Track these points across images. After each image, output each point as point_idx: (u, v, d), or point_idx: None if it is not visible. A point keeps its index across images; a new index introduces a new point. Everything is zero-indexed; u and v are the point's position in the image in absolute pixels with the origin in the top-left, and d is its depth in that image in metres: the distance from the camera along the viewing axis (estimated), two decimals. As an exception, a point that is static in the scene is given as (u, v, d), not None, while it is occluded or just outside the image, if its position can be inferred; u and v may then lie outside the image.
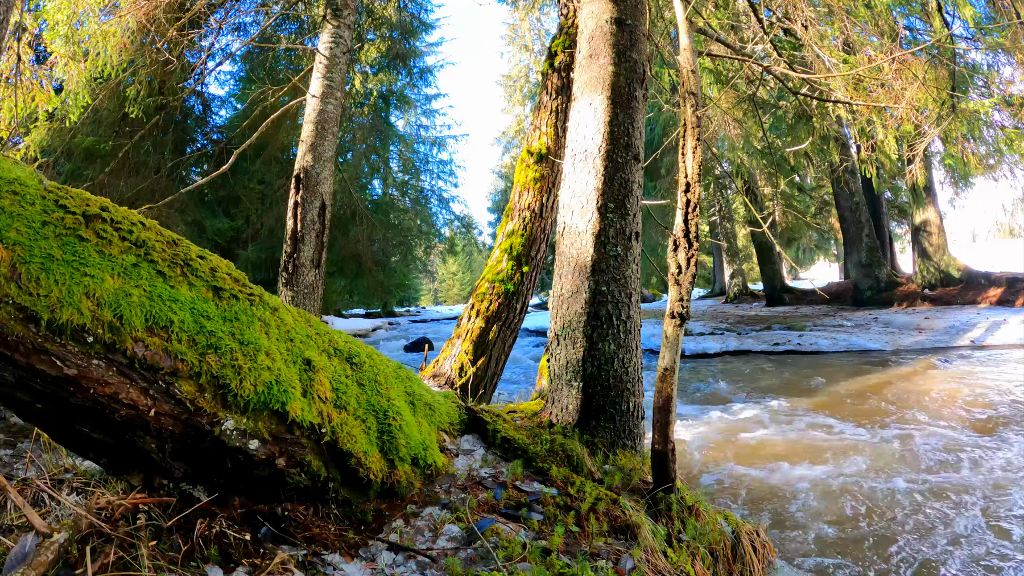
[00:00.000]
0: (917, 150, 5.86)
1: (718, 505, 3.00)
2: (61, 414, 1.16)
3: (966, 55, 6.42)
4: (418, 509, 1.61)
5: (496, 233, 4.10)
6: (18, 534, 1.25)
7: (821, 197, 17.60)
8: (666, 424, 1.98)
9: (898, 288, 13.81)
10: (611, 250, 2.43)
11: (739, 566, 1.98)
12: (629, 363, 2.41)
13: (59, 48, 4.85)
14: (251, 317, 1.40)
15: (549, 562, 1.42)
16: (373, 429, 1.61)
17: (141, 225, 1.28)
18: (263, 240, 13.69)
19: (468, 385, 3.52)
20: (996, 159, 7.65)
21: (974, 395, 5.29)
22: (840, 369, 7.16)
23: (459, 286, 49.48)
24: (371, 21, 15.15)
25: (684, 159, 2.03)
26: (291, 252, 4.47)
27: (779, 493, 3.22)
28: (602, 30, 2.59)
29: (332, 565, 1.31)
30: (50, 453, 1.85)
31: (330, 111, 4.80)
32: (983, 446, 3.83)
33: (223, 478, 1.37)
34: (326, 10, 4.99)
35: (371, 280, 16.43)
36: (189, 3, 5.54)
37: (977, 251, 25.65)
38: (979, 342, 8.46)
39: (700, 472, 3.66)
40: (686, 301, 1.95)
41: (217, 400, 1.27)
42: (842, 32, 4.83)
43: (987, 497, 2.99)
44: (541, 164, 3.91)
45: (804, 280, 19.03)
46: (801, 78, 4.46)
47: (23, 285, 1.03)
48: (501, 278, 3.78)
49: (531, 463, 2.01)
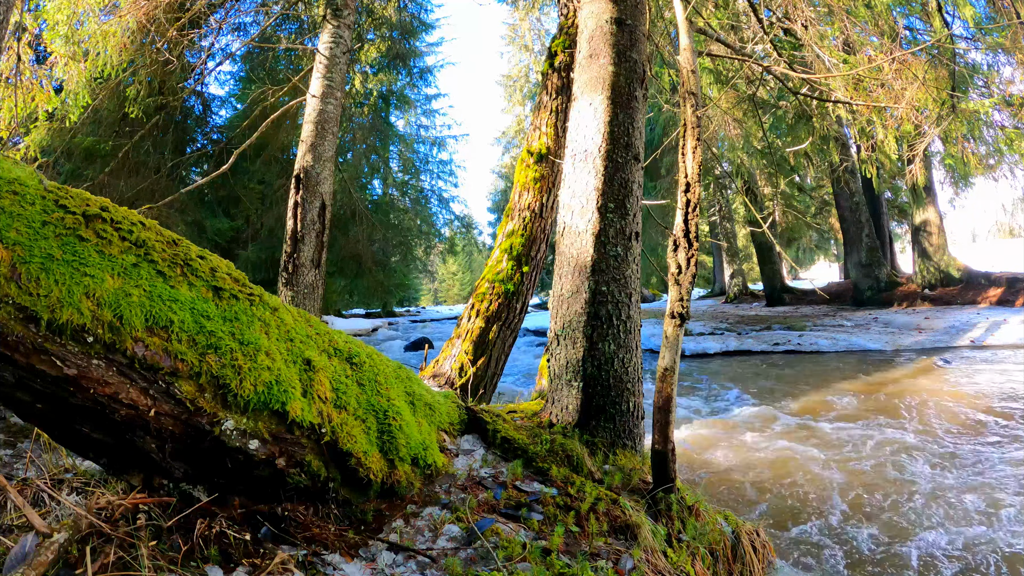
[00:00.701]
0: (917, 150, 5.85)
1: (718, 504, 3.00)
2: (61, 414, 1.16)
3: (966, 55, 6.42)
4: (418, 509, 1.61)
5: (496, 233, 4.10)
6: (18, 534, 1.25)
7: (821, 197, 17.61)
8: (666, 424, 1.98)
9: (898, 288, 13.81)
10: (611, 250, 2.43)
11: (739, 566, 1.98)
12: (629, 363, 2.41)
13: (59, 48, 4.85)
14: (251, 317, 1.40)
15: (549, 562, 1.42)
16: (373, 429, 1.61)
17: (141, 225, 1.28)
18: (263, 240, 13.69)
19: (468, 385, 3.52)
20: (996, 159, 7.65)
21: (975, 395, 5.29)
22: (840, 369, 7.16)
23: (459, 286, 49.48)
24: (371, 21, 15.15)
25: (684, 159, 2.03)
26: (291, 252, 4.47)
27: (779, 493, 3.22)
28: (602, 30, 2.59)
29: (332, 565, 1.31)
30: (50, 453, 1.85)
31: (330, 111, 4.80)
32: (983, 445, 3.83)
33: (223, 478, 1.37)
34: (326, 10, 4.99)
35: (371, 280, 16.43)
36: (189, 3, 5.54)
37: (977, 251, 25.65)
38: (979, 342, 8.46)
39: (700, 472, 3.66)
40: (686, 301, 1.95)
41: (217, 400, 1.27)
42: (842, 32, 4.83)
43: (987, 496, 3.00)
44: (541, 164, 3.91)
45: (804, 280, 19.03)
46: (801, 78, 4.46)
47: (23, 285, 1.03)
48: (501, 278, 3.78)
49: (531, 463, 2.01)
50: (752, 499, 3.18)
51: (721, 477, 3.54)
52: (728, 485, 3.40)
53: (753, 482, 3.41)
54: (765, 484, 3.37)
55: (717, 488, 3.37)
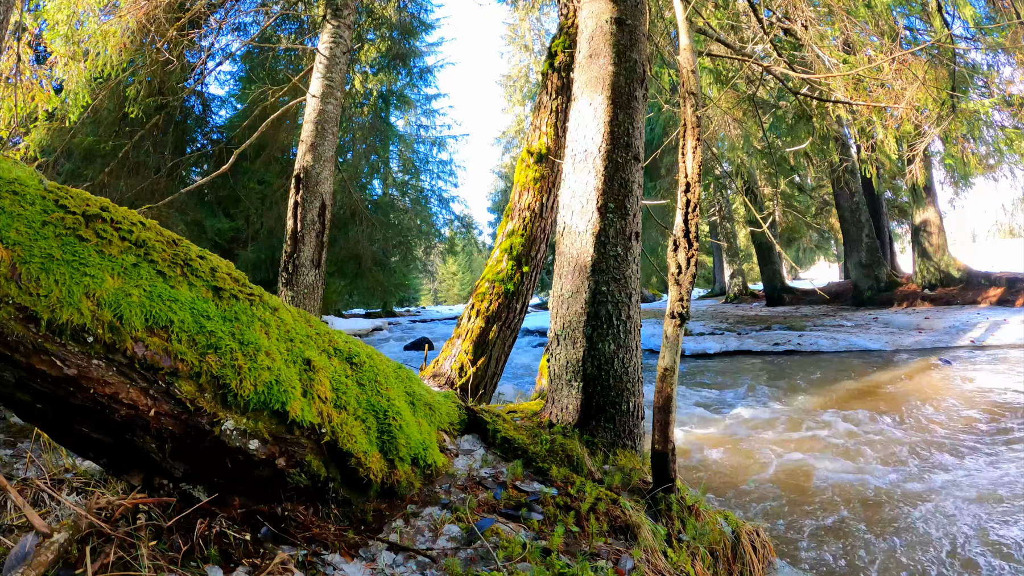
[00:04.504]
0: (917, 150, 5.85)
1: (718, 504, 3.00)
2: (61, 414, 1.16)
3: (966, 55, 6.41)
4: (418, 509, 1.61)
5: (496, 233, 4.10)
6: (18, 534, 1.25)
7: (821, 197, 17.61)
8: (666, 424, 1.98)
9: (898, 288, 13.82)
10: (611, 250, 2.43)
11: (739, 566, 1.98)
12: (629, 363, 2.41)
13: (59, 48, 4.85)
14: (251, 317, 1.40)
15: (549, 562, 1.42)
16: (373, 429, 1.61)
17: (141, 225, 1.28)
18: (263, 240, 13.68)
19: (468, 385, 3.52)
20: (996, 159, 7.65)
21: (975, 395, 5.29)
22: (840, 369, 7.16)
23: (459, 286, 49.45)
24: (371, 21, 15.14)
25: (684, 159, 2.03)
26: (291, 252, 4.47)
27: (779, 493, 3.22)
28: (602, 30, 2.59)
29: (332, 565, 1.31)
30: (50, 453, 1.85)
31: (330, 111, 4.80)
32: (984, 445, 3.82)
33: (223, 478, 1.37)
34: (326, 10, 4.99)
35: (371, 280, 16.42)
36: (189, 3, 5.54)
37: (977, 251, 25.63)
38: (979, 342, 8.46)
39: (700, 472, 3.66)
40: (686, 301, 1.95)
41: (217, 400, 1.27)
42: (842, 32, 4.83)
43: (987, 496, 2.99)
44: (541, 164, 3.91)
45: (804, 280, 19.04)
46: (801, 78, 4.46)
47: (23, 285, 1.03)
48: (501, 278, 3.77)
49: (531, 463, 2.01)
50: (752, 499, 3.18)
51: (721, 477, 3.54)
52: (728, 485, 3.40)
53: (753, 482, 3.41)
54: (765, 484, 3.37)
55: (717, 488, 3.37)
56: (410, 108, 20.86)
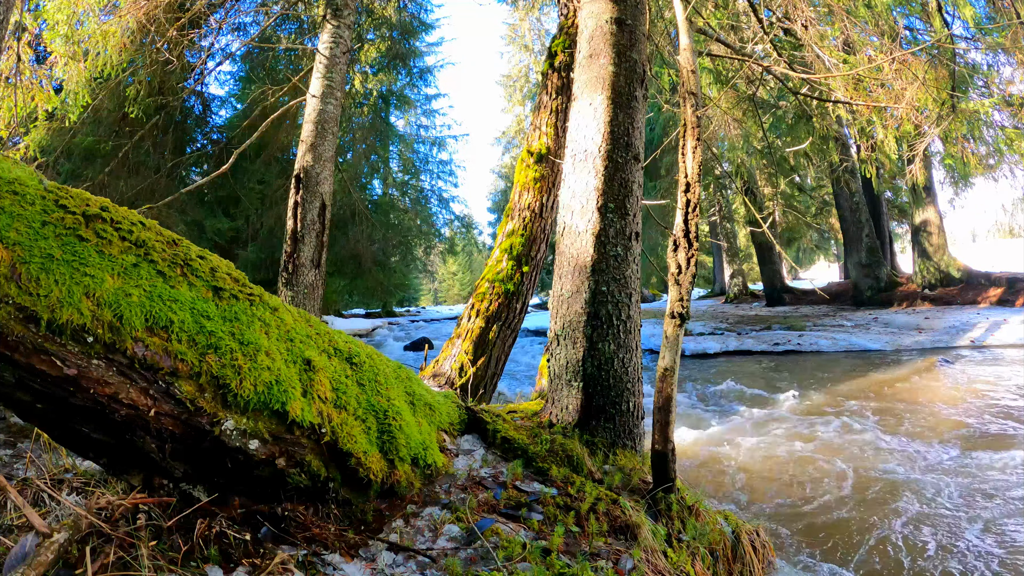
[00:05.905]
0: (917, 150, 5.85)
1: (718, 504, 3.00)
2: (61, 414, 1.16)
3: (966, 55, 6.41)
4: (418, 509, 1.61)
5: (496, 233, 4.10)
6: (18, 534, 1.25)
7: (821, 197, 17.60)
8: (666, 424, 1.98)
9: (898, 288, 13.82)
10: (611, 250, 2.43)
11: (739, 566, 1.98)
12: (629, 363, 2.41)
13: (59, 48, 4.85)
14: (251, 317, 1.40)
15: (549, 562, 1.42)
16: (373, 429, 1.61)
17: (141, 225, 1.28)
18: (263, 240, 13.68)
19: (468, 385, 3.52)
20: (996, 159, 7.64)
21: (976, 395, 5.29)
22: (840, 369, 7.16)
23: (459, 286, 49.44)
24: (371, 21, 15.14)
25: (684, 159, 2.03)
26: (291, 252, 4.47)
27: (779, 493, 3.22)
28: (602, 30, 2.59)
29: (332, 565, 1.31)
30: (50, 453, 1.85)
31: (330, 111, 4.80)
32: (985, 445, 3.82)
33: (223, 478, 1.37)
34: (326, 10, 4.99)
35: (371, 280, 16.42)
36: (189, 3, 5.54)
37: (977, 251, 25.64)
38: (979, 342, 8.46)
39: (700, 472, 3.66)
40: (686, 301, 1.95)
41: (217, 400, 1.27)
42: (842, 32, 4.83)
43: (989, 496, 2.99)
44: (541, 164, 3.91)
45: (804, 280, 19.03)
46: (801, 78, 4.46)
47: (23, 285, 1.03)
48: (501, 278, 3.77)
49: (531, 463, 2.01)
50: (752, 499, 3.18)
51: (721, 477, 3.54)
52: (728, 485, 3.40)
53: (753, 482, 3.41)
54: (765, 484, 3.37)
55: (717, 488, 3.37)
56: (410, 108, 20.86)
